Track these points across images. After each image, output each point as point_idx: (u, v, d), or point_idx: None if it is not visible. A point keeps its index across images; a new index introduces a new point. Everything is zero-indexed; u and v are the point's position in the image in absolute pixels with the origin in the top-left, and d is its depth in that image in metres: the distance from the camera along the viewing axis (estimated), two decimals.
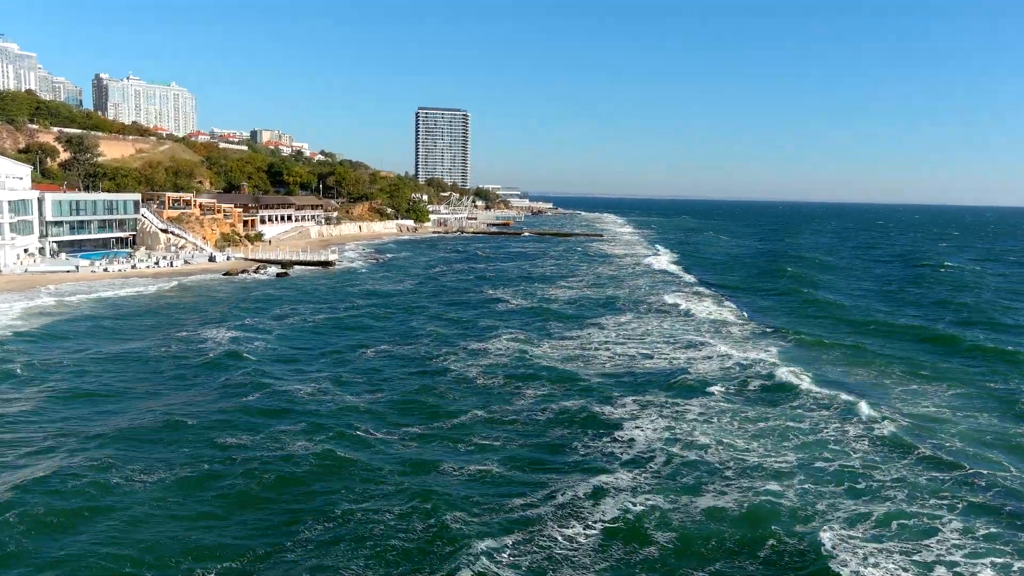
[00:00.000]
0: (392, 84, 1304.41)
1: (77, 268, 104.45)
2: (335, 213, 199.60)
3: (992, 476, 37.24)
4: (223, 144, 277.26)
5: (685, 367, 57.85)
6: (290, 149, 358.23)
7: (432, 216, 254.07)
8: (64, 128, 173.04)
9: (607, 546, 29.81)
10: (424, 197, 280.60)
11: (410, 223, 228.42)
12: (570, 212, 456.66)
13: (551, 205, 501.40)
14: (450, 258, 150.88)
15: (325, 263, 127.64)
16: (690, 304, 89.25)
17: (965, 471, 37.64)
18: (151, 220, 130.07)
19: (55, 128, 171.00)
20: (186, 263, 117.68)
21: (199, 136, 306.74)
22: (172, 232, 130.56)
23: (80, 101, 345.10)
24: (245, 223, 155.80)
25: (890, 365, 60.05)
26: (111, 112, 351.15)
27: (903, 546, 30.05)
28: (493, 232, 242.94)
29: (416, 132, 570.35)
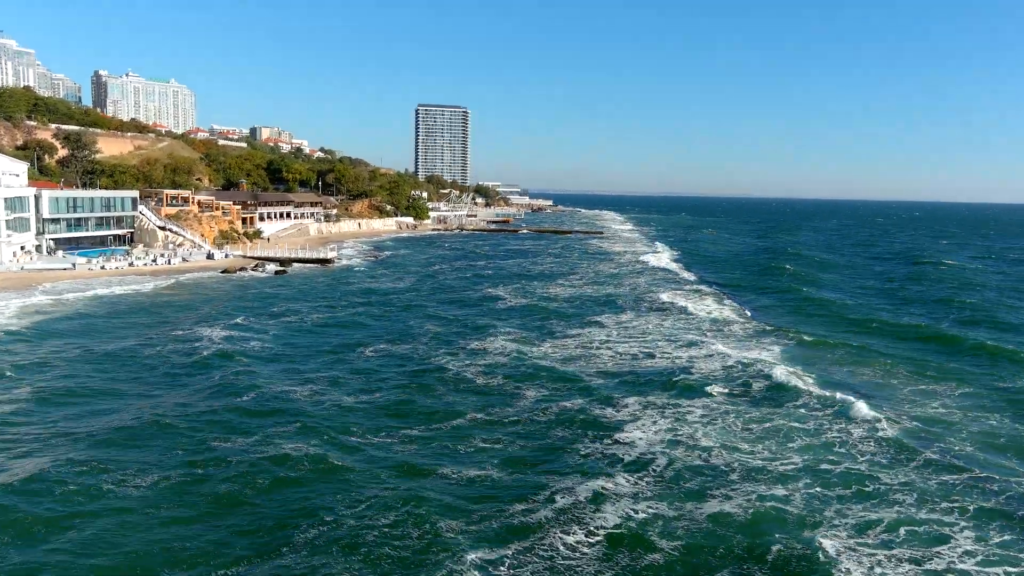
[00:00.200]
0: (392, 81, 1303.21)
1: (74, 266, 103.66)
2: (334, 210, 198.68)
3: (1005, 481, 36.34)
4: (222, 141, 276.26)
5: (686, 367, 57.03)
6: (290, 146, 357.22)
7: (432, 213, 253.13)
8: (62, 125, 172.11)
9: (611, 555, 28.91)
10: (424, 194, 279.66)
11: (410, 220, 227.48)
12: (570, 209, 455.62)
13: (551, 202, 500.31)
14: (449, 256, 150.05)
15: (324, 261, 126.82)
16: (690, 302, 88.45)
17: (976, 475, 36.74)
18: (149, 217, 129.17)
19: (53, 125, 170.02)
20: (184, 261, 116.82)
21: (198, 133, 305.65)
22: (170, 229, 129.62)
23: (79, 98, 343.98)
24: (244, 220, 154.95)
25: (895, 365, 59.17)
26: (110, 109, 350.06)
27: (913, 553, 29.18)
28: (493, 229, 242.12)
29: (416, 129, 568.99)
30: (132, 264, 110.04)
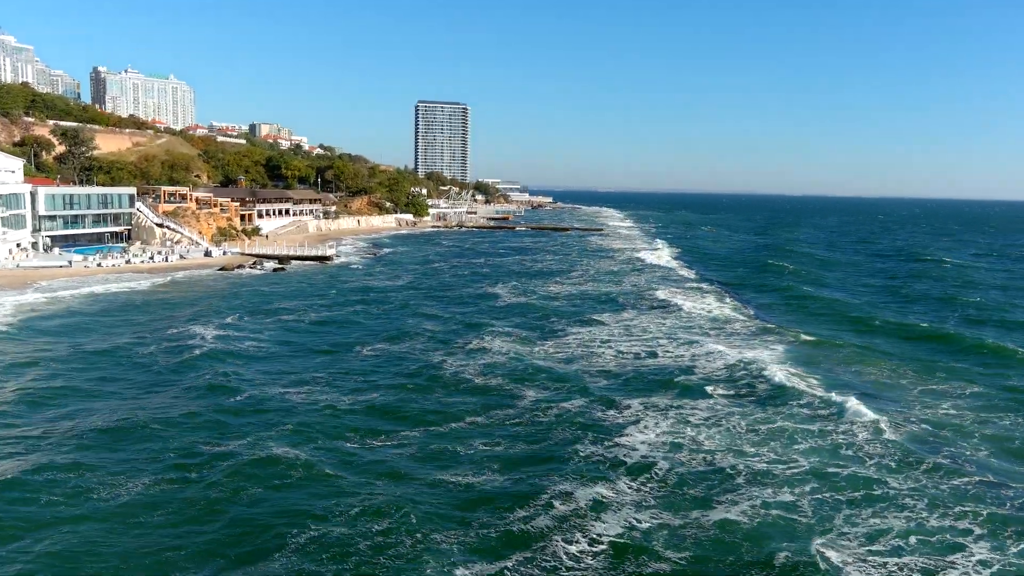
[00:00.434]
0: (392, 78, 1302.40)
1: (70, 263, 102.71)
2: (333, 207, 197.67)
3: (1021, 486, 35.24)
4: (221, 138, 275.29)
5: (688, 367, 56.12)
6: (289, 143, 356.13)
7: (431, 210, 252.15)
8: (60, 121, 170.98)
9: (616, 564, 27.88)
10: (423, 191, 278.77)
11: (409, 217, 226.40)
12: (570, 206, 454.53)
13: (551, 199, 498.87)
14: (448, 253, 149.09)
15: (322, 258, 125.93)
16: (691, 301, 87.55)
17: (988, 480, 35.69)
18: (146, 214, 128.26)
19: (51, 121, 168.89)
20: (181, 258, 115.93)
21: (197, 130, 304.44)
22: (168, 226, 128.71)
23: (78, 94, 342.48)
24: (242, 217, 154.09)
25: (901, 365, 58.17)
26: (109, 105, 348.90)
27: (925, 563, 28.20)
28: (492, 227, 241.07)
29: (416, 126, 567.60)
30: (129, 262, 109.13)
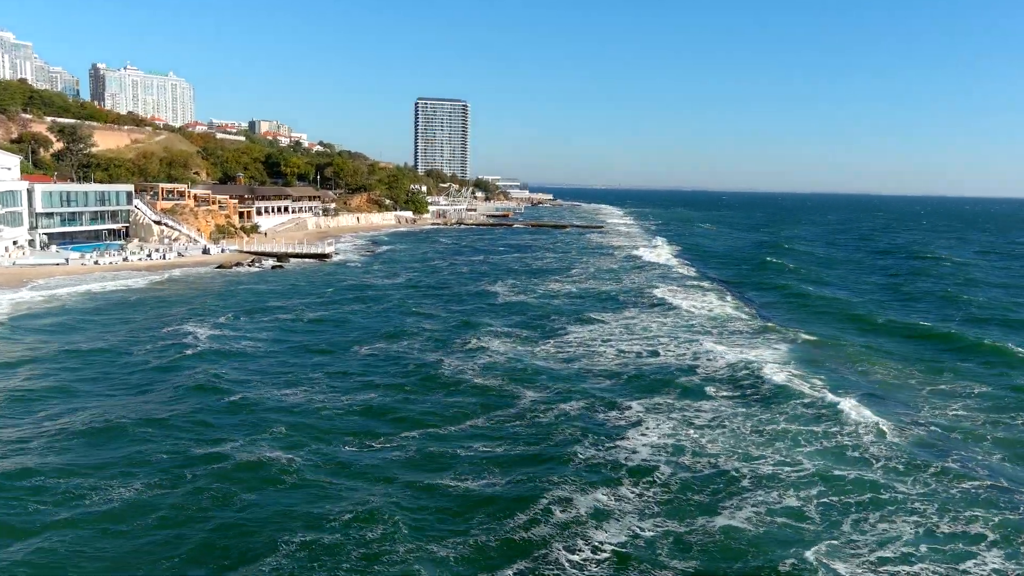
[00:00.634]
0: (392, 74, 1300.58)
1: (67, 261, 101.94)
2: (333, 204, 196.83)
3: None
4: (220, 134, 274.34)
5: (690, 367, 55.41)
6: (288, 140, 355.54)
7: (431, 207, 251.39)
8: (58, 118, 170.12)
9: (620, 573, 27.16)
10: (423, 188, 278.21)
11: (409, 215, 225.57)
12: (569, 203, 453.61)
13: (551, 196, 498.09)
14: (448, 250, 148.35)
15: (321, 256, 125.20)
16: (692, 299, 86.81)
17: (1001, 485, 34.87)
18: (144, 211, 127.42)
19: (48, 118, 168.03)
20: (179, 256, 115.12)
21: (196, 127, 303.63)
22: (166, 224, 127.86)
23: (77, 91, 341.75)
24: (241, 215, 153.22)
25: (906, 365, 57.46)
26: (108, 102, 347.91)
27: (937, 570, 27.52)
28: (492, 224, 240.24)
29: (415, 123, 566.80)
30: (126, 259, 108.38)
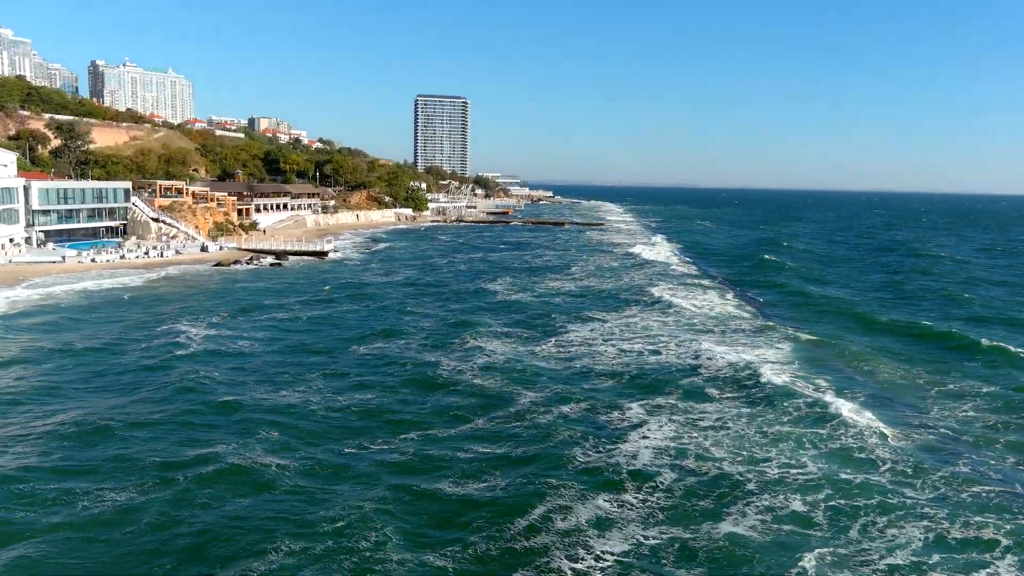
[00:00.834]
0: (391, 71, 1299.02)
1: (63, 259, 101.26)
2: (332, 202, 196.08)
3: None
4: (219, 131, 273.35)
5: (691, 367, 54.69)
6: (288, 137, 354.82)
7: (431, 205, 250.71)
8: (56, 115, 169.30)
9: None
10: (423, 185, 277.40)
11: (408, 212, 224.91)
12: (569, 201, 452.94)
13: (551, 193, 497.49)
14: (448, 248, 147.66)
15: (320, 253, 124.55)
16: (693, 298, 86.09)
17: (1014, 491, 34.09)
18: (142, 209, 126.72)
19: (46, 115, 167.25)
20: (177, 253, 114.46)
21: (195, 124, 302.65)
22: (164, 221, 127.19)
23: (76, 88, 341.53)
24: (240, 212, 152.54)
25: (911, 365, 56.71)
26: (107, 99, 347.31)
27: None
28: (492, 221, 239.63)
29: (415, 120, 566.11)
30: (124, 257, 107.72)
